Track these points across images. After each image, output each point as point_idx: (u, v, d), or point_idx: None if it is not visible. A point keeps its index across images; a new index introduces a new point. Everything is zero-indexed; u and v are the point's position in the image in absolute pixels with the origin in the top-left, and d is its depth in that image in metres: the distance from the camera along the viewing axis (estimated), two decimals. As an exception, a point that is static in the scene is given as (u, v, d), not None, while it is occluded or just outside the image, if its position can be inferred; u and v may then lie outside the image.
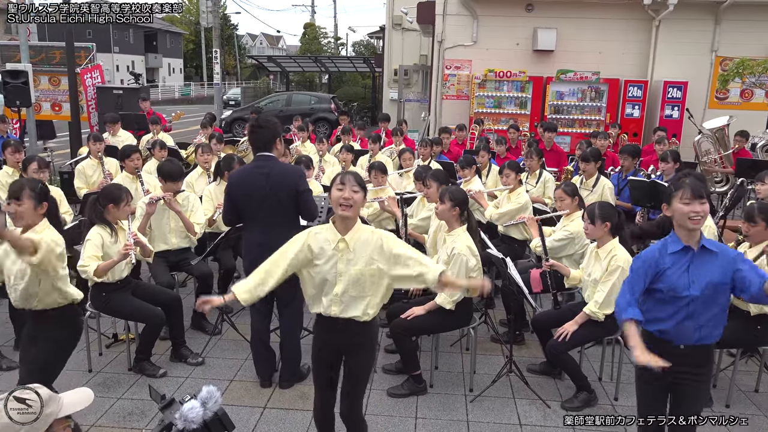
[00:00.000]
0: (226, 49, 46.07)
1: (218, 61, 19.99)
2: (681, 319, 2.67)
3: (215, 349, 4.79)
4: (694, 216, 2.60)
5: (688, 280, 2.64)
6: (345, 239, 2.82)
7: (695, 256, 2.67)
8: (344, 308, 2.87)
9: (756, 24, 11.21)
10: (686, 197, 2.61)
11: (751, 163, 7.90)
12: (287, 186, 3.91)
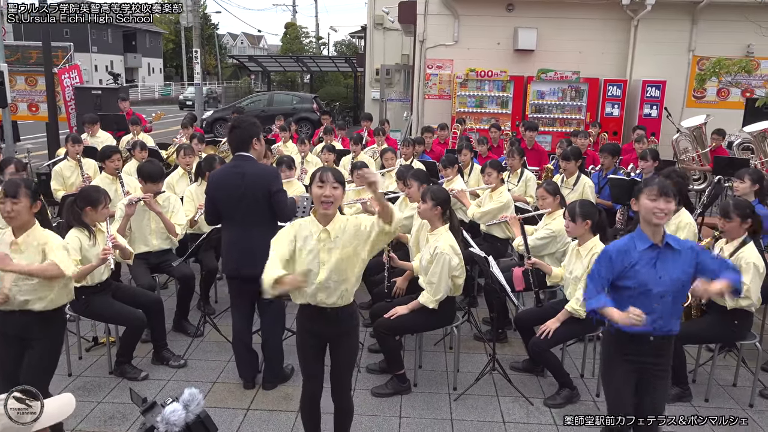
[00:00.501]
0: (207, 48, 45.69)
1: (198, 61, 19.82)
2: (650, 314, 2.74)
3: (197, 351, 4.75)
4: (658, 212, 2.69)
5: (655, 275, 2.74)
6: (327, 230, 2.95)
7: (661, 252, 2.76)
8: (330, 293, 2.97)
9: (732, 24, 11.39)
10: (653, 194, 2.70)
11: (728, 161, 8.03)
12: (261, 186, 3.89)
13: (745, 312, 3.92)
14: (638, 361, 2.83)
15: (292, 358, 4.46)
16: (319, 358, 3.16)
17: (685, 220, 4.51)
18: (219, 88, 36.40)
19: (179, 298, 5.05)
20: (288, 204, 4.07)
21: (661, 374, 2.89)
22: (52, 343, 3.39)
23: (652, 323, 2.75)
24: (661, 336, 2.81)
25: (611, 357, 2.92)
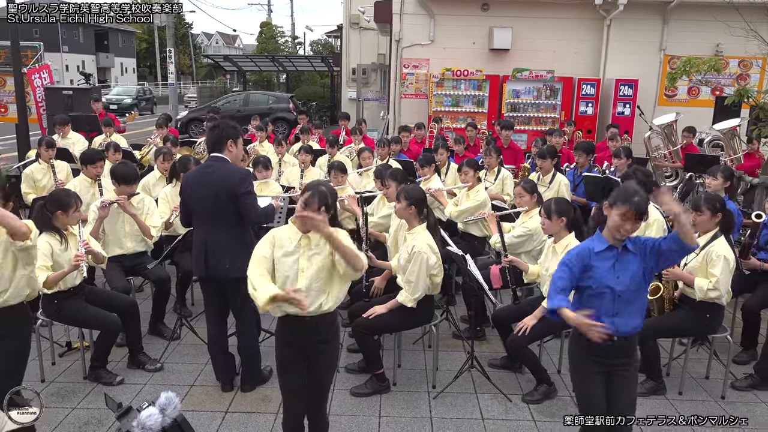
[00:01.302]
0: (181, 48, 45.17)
1: (172, 61, 19.59)
2: (612, 313, 2.82)
3: (174, 354, 4.70)
4: (624, 233, 2.78)
5: (614, 275, 2.81)
6: (308, 236, 2.93)
7: (620, 254, 2.84)
8: (311, 303, 2.91)
9: (701, 24, 11.59)
10: (626, 216, 2.74)
11: (698, 158, 8.18)
12: (227, 188, 3.84)
13: (716, 306, 4.00)
14: (605, 362, 2.89)
15: (270, 359, 4.43)
16: (301, 372, 3.06)
17: (654, 216, 4.60)
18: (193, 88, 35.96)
19: (155, 301, 4.98)
20: (259, 208, 4.00)
21: (629, 373, 2.94)
22: (9, 343, 3.27)
23: (612, 323, 2.80)
24: (624, 336, 2.87)
25: (579, 359, 2.97)
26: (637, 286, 2.83)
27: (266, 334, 4.76)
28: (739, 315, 4.90)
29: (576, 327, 2.94)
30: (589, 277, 2.83)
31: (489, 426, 3.80)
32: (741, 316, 4.79)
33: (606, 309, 2.82)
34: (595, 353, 2.88)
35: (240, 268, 3.85)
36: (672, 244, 2.73)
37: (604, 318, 2.81)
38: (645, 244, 2.83)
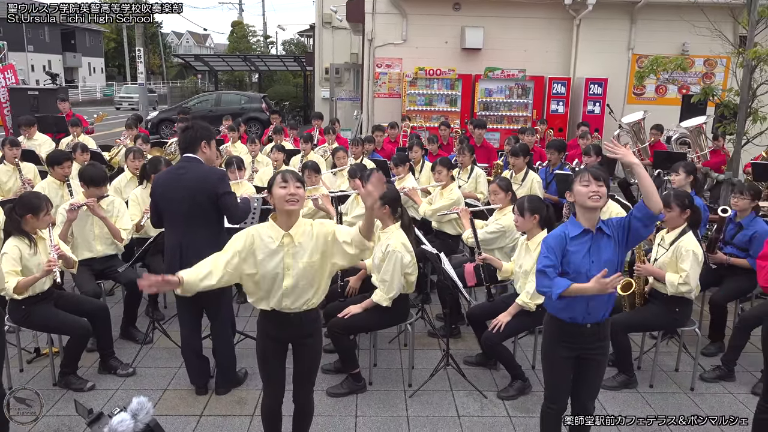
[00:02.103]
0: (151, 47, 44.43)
1: (142, 61, 19.28)
2: (587, 300, 2.84)
3: (147, 358, 4.63)
4: (593, 195, 2.79)
5: (589, 260, 2.83)
6: (290, 233, 2.87)
7: (594, 238, 2.85)
8: (296, 299, 2.92)
9: (668, 23, 11.84)
10: (585, 180, 2.81)
11: (666, 155, 8.34)
12: (206, 189, 3.79)
13: (685, 300, 4.09)
14: (577, 347, 2.93)
15: (245, 361, 4.40)
16: (282, 363, 3.10)
17: (615, 210, 4.69)
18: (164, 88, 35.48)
19: (126, 305, 4.90)
20: (239, 205, 3.99)
21: (599, 358, 2.99)
22: None
23: (586, 306, 2.86)
24: (597, 322, 2.91)
25: (551, 343, 3.01)
26: (611, 272, 2.83)
27: (241, 336, 4.73)
28: (706, 308, 5.01)
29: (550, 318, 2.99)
30: (566, 263, 2.86)
31: (465, 423, 3.83)
32: (708, 309, 4.91)
33: (582, 296, 2.83)
34: (567, 338, 2.92)
35: None
36: (637, 213, 2.76)
37: (580, 302, 2.85)
38: (618, 222, 2.87)
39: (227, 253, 2.87)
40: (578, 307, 2.87)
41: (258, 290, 2.93)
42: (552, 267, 2.84)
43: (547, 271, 2.84)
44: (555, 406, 3.05)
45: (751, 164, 7.33)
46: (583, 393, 3.04)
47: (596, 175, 2.81)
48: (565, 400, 3.06)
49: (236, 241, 2.90)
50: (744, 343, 4.42)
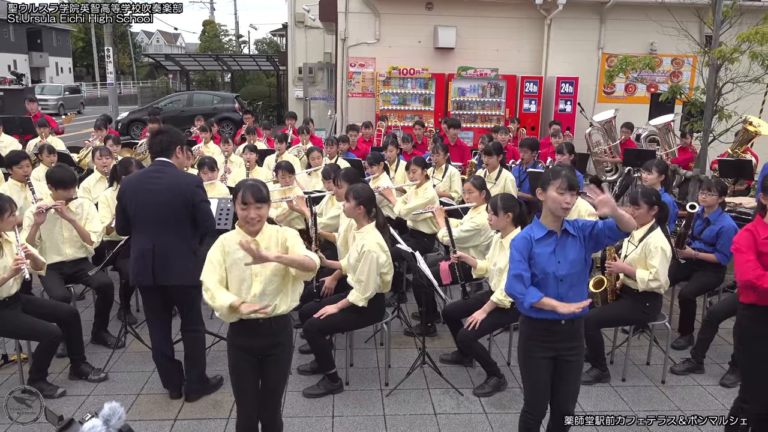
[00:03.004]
0: (120, 47, 43.74)
1: (111, 60, 18.95)
2: (556, 298, 2.87)
3: (119, 362, 4.55)
4: (566, 206, 2.81)
5: (555, 261, 2.85)
6: (256, 240, 2.89)
7: (559, 240, 2.88)
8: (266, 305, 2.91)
9: (636, 23, 12.05)
10: (562, 188, 2.79)
11: (636, 153, 8.50)
12: (181, 196, 3.72)
13: (655, 295, 4.17)
14: (553, 347, 2.95)
15: (220, 365, 4.36)
16: (255, 375, 3.04)
17: (584, 208, 4.76)
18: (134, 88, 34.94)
19: (97, 309, 4.81)
20: (211, 214, 3.94)
21: (575, 358, 3.01)
22: None
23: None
24: (571, 320, 2.93)
25: (527, 344, 3.02)
26: (579, 270, 2.88)
27: (215, 338, 4.68)
28: (676, 303, 5.11)
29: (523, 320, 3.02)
30: (533, 264, 2.87)
31: (441, 420, 3.84)
32: (678, 303, 5.01)
33: (550, 293, 2.86)
34: (543, 339, 2.94)
35: (190, 274, 3.78)
36: (608, 233, 2.79)
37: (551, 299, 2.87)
38: (585, 226, 2.89)
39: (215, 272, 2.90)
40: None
41: None
42: (524, 271, 2.86)
43: (523, 276, 2.85)
44: (534, 412, 3.06)
45: (717, 161, 7.50)
46: (562, 396, 3.04)
47: (572, 184, 2.80)
48: (544, 407, 3.06)
49: (213, 254, 2.94)
50: (712, 336, 4.53)
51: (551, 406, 3.07)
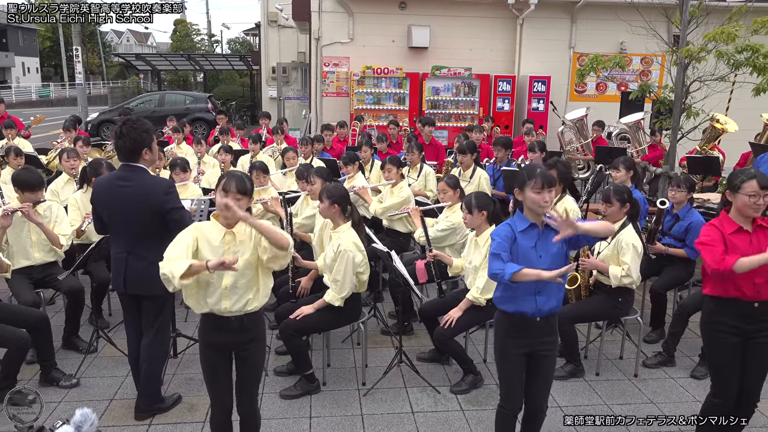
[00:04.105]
0: (89, 46, 42.96)
1: (80, 60, 18.59)
2: (532, 293, 2.90)
3: (91, 368, 4.47)
4: (545, 204, 2.84)
5: (536, 255, 2.87)
6: (233, 231, 2.88)
7: (542, 233, 2.90)
8: (236, 300, 2.90)
9: (606, 23, 12.23)
10: (537, 187, 2.83)
11: (608, 151, 8.63)
12: (151, 204, 3.56)
13: (627, 290, 4.24)
14: (527, 342, 2.97)
15: (194, 368, 4.31)
16: (228, 371, 3.04)
17: (570, 206, 4.81)
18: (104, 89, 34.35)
19: (68, 314, 4.71)
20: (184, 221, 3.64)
21: (550, 353, 3.04)
22: None
23: (535, 302, 2.90)
24: (547, 315, 2.96)
25: (503, 340, 3.05)
26: (560, 264, 2.89)
27: (190, 341, 4.63)
28: (647, 297, 5.21)
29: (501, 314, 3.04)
30: (515, 254, 2.88)
31: (419, 419, 3.86)
32: (649, 298, 5.10)
33: (528, 288, 2.88)
34: (518, 334, 2.96)
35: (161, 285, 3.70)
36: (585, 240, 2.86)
37: (526, 297, 2.90)
38: None
39: (180, 250, 2.82)
40: (524, 300, 2.91)
41: (199, 289, 2.90)
42: (505, 251, 2.85)
43: (501, 255, 2.84)
44: (509, 406, 3.08)
45: (686, 158, 7.66)
46: (536, 390, 3.07)
47: (548, 182, 2.83)
48: (520, 401, 3.09)
49: (184, 236, 2.89)
50: (683, 329, 4.62)
51: (526, 400, 3.11)
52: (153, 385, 3.85)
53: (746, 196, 3.00)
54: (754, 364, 3.17)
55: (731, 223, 3.09)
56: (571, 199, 4.90)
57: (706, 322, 3.24)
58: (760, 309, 3.08)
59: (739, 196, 3.04)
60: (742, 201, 3.02)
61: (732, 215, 3.11)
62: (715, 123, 7.47)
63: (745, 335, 3.11)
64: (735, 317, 3.10)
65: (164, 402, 3.92)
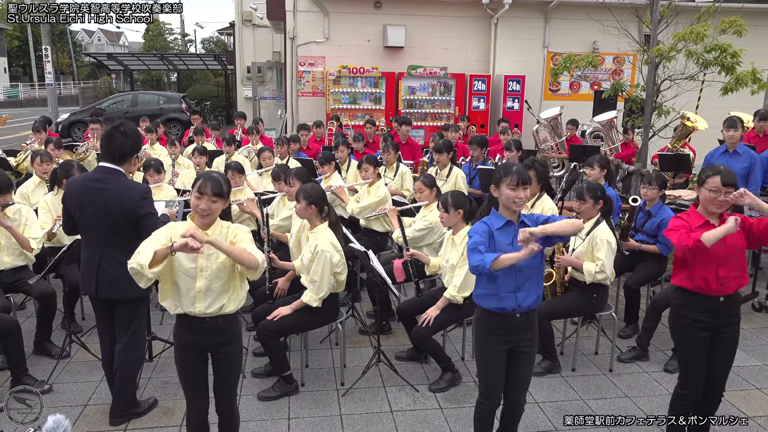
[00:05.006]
0: (59, 46, 42.12)
1: (49, 60, 18.22)
2: (512, 290, 2.93)
3: (64, 373, 4.39)
4: (519, 201, 2.88)
5: (513, 251, 2.86)
6: (207, 233, 2.83)
7: (517, 230, 2.89)
8: (211, 303, 2.88)
9: (579, 23, 12.38)
10: (512, 183, 2.86)
11: (582, 149, 8.73)
12: (125, 209, 3.49)
13: (601, 286, 4.30)
14: (508, 339, 3.00)
15: (170, 371, 4.26)
16: (203, 372, 3.03)
17: (548, 206, 4.86)
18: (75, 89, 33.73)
19: (39, 319, 4.62)
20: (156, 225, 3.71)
21: (529, 350, 3.07)
22: None
23: (515, 299, 2.93)
24: (526, 312, 2.98)
25: (484, 337, 3.07)
26: (536, 261, 2.93)
27: (165, 344, 4.57)
28: (621, 293, 5.29)
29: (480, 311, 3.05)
30: (493, 251, 2.88)
31: (398, 418, 3.86)
32: (623, 293, 5.18)
33: (508, 285, 2.91)
34: (499, 331, 2.98)
35: (136, 288, 3.62)
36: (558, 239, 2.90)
37: (506, 294, 2.92)
38: (538, 220, 2.95)
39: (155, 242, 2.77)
40: (507, 299, 2.93)
41: (174, 290, 2.88)
42: (482, 244, 2.87)
43: (479, 248, 2.85)
44: (488, 402, 3.11)
45: (657, 155, 7.78)
46: (515, 386, 3.10)
47: (523, 179, 2.86)
48: (498, 397, 3.12)
49: (158, 235, 2.85)
50: (656, 324, 4.70)
51: (504, 396, 3.14)
52: (128, 390, 3.78)
53: (708, 191, 3.06)
54: (719, 359, 3.24)
55: (698, 216, 3.14)
56: (549, 199, 4.95)
57: (674, 314, 3.30)
58: (726, 303, 3.15)
59: (702, 190, 3.10)
60: (705, 195, 3.09)
61: (699, 209, 3.17)
62: (685, 121, 7.60)
63: (712, 330, 3.18)
64: (702, 312, 3.15)
65: (139, 406, 3.86)
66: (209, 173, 2.92)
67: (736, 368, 4.50)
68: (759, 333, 5.23)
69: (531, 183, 2.93)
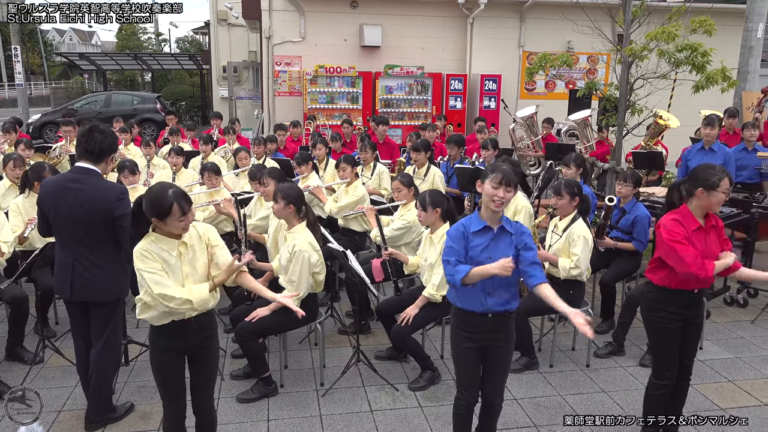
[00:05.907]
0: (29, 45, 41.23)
1: (19, 60, 17.84)
2: (483, 294, 2.94)
3: (38, 379, 4.30)
4: (497, 199, 2.86)
5: (486, 255, 2.91)
6: (184, 241, 2.86)
7: (495, 236, 2.94)
8: None
9: (554, 22, 12.51)
10: (495, 181, 2.87)
11: (557, 147, 8.84)
12: (101, 210, 3.43)
13: (578, 282, 4.35)
14: (480, 338, 3.01)
15: (147, 375, 4.20)
16: (181, 374, 3.03)
17: (522, 203, 4.90)
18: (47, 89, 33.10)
19: (11, 324, 4.51)
20: None
21: (502, 350, 3.08)
22: None
23: (485, 302, 2.94)
24: (499, 314, 2.99)
25: (455, 334, 3.09)
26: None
27: (142, 348, 4.51)
28: (597, 289, 5.35)
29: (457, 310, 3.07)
30: (467, 257, 2.92)
31: (378, 417, 3.86)
32: (599, 290, 5.25)
33: (478, 288, 2.92)
34: (470, 329, 3.00)
35: (112, 291, 3.57)
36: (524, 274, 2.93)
37: (476, 296, 2.94)
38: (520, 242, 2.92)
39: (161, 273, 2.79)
40: (474, 299, 2.95)
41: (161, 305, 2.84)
42: (454, 256, 2.91)
43: (450, 260, 2.90)
44: (465, 398, 3.12)
45: (631, 153, 7.90)
46: (490, 384, 3.12)
47: (508, 179, 2.85)
48: (475, 393, 3.14)
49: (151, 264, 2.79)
50: (631, 319, 4.77)
51: (482, 393, 3.16)
52: (104, 394, 3.72)
53: (722, 194, 3.10)
54: (690, 344, 3.38)
55: (693, 220, 3.17)
56: (523, 197, 4.98)
57: (649, 308, 3.36)
58: (699, 295, 3.30)
59: (715, 194, 3.09)
60: (718, 199, 3.11)
61: (695, 212, 3.18)
62: (658, 119, 7.73)
63: (685, 320, 3.30)
64: (677, 305, 3.26)
65: (116, 411, 3.80)
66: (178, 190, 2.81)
67: (708, 361, 4.62)
68: (731, 326, 5.34)
69: (515, 187, 2.93)
